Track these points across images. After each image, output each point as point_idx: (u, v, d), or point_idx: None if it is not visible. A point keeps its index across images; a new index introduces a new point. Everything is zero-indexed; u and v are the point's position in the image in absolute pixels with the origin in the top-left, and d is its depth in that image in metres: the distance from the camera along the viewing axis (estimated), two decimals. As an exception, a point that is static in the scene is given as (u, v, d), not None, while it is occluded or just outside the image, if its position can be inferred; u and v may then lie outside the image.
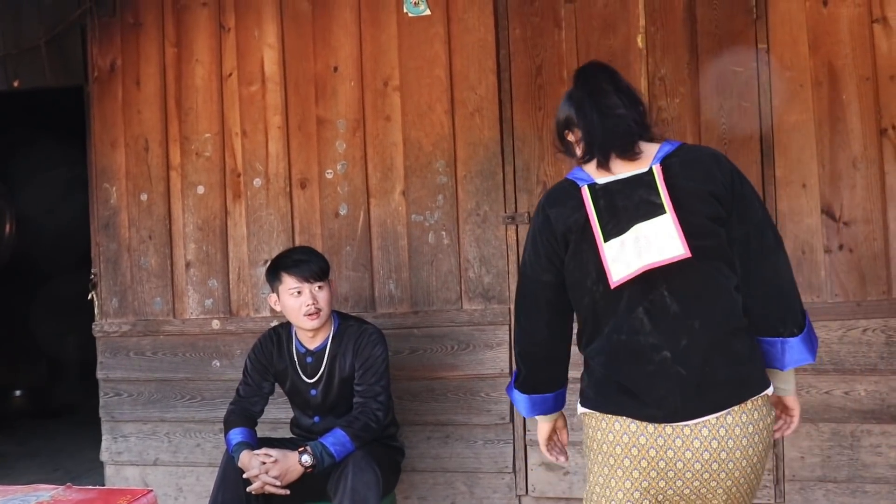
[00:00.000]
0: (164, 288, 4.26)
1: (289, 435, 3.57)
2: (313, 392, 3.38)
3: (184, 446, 4.27)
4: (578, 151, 2.26)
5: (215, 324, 4.19)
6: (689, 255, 1.99)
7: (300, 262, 3.30)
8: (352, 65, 4.01)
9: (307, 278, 3.26)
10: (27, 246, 7.39)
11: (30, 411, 7.16)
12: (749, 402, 2.01)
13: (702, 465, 1.97)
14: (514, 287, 3.82)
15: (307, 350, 3.39)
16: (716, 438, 1.97)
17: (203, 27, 4.20)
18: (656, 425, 1.98)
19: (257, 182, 4.13)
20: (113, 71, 4.31)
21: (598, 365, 2.08)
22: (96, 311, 4.37)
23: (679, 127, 3.68)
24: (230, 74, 4.17)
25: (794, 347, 2.14)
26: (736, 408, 1.99)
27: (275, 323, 3.83)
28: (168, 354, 4.27)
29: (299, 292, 3.27)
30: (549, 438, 2.37)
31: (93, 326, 4.38)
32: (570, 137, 2.29)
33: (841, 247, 3.53)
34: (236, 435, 3.30)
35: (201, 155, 4.20)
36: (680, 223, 1.99)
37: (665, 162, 2.10)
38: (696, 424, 1.97)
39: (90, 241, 4.41)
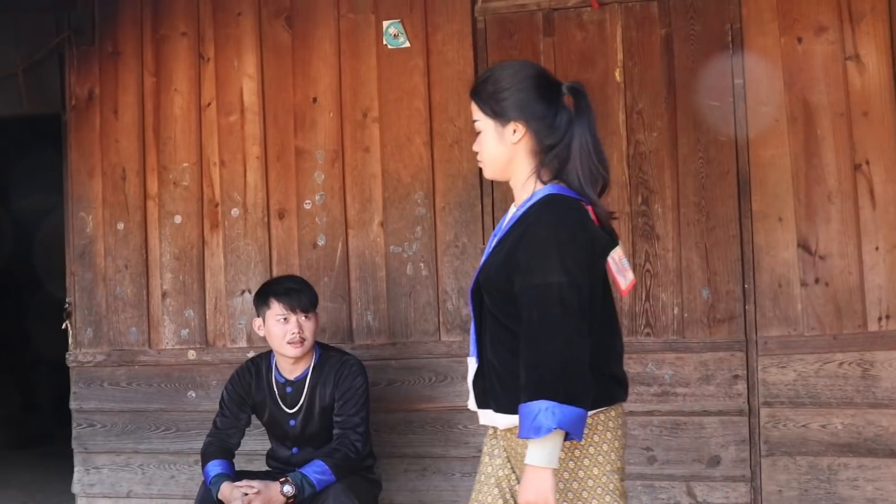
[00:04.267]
0: (139, 318, 4.22)
1: (264, 468, 3.53)
2: (292, 422, 3.36)
3: (158, 478, 4.21)
4: (516, 139, 2.24)
5: (191, 354, 4.15)
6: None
7: (291, 290, 3.32)
8: (331, 96, 4.02)
9: (295, 308, 3.28)
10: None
11: (1, 442, 7.04)
12: None
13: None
14: (492, 319, 3.81)
15: (287, 380, 3.37)
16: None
17: (182, 57, 4.20)
18: (622, 404, 2.27)
19: (235, 212, 4.11)
20: (91, 100, 4.29)
21: (597, 364, 2.15)
22: (70, 340, 4.32)
23: (657, 160, 3.71)
24: (209, 104, 4.16)
25: None
26: None
27: (251, 354, 3.81)
28: (143, 385, 4.22)
29: (286, 319, 3.28)
30: None
31: (67, 356, 4.32)
32: (518, 128, 2.23)
33: (817, 280, 3.55)
34: (215, 467, 3.28)
35: (179, 184, 4.18)
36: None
37: None
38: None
39: (65, 270, 4.37)
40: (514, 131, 2.23)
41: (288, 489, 3.10)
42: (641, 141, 3.73)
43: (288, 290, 3.32)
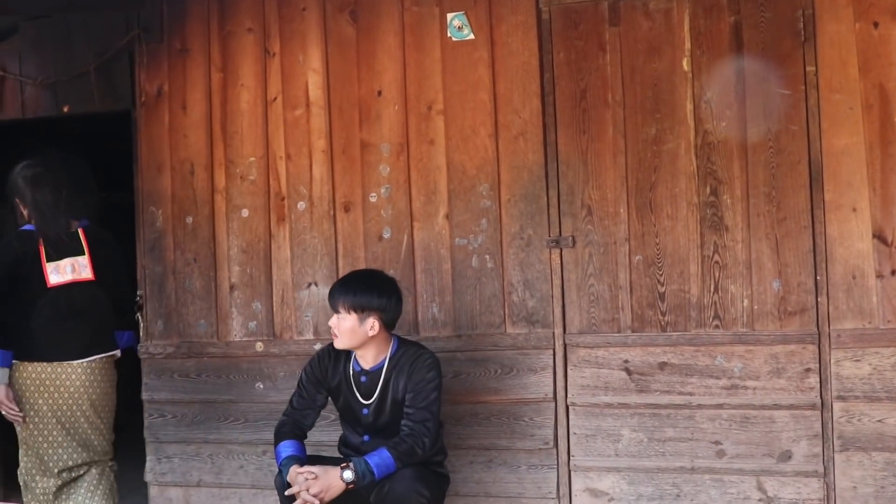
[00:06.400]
0: (208, 310, 4.29)
1: (336, 455, 3.57)
2: (365, 412, 3.42)
3: (227, 468, 4.28)
4: (26, 215, 3.87)
5: (259, 346, 4.21)
6: (94, 279, 3.84)
7: (334, 289, 3.43)
8: (396, 89, 4.03)
9: (330, 304, 3.43)
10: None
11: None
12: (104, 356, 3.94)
13: (72, 386, 3.80)
14: (558, 311, 3.80)
15: (363, 369, 3.43)
16: (85, 371, 3.83)
17: (248, 52, 4.25)
18: (59, 363, 3.77)
19: (301, 205, 4.16)
20: (160, 96, 4.37)
21: (35, 329, 3.74)
22: (142, 332, 4.41)
23: (725, 150, 3.65)
24: (275, 99, 4.21)
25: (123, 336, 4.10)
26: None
27: (318, 346, 3.85)
28: (212, 376, 4.29)
29: (333, 312, 3.42)
30: (8, 398, 3.75)
31: (138, 348, 4.42)
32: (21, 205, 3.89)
33: (893, 272, 3.46)
34: (287, 447, 3.36)
35: (246, 178, 4.24)
36: (91, 260, 3.85)
37: (85, 229, 3.89)
38: (77, 363, 3.81)
39: (136, 264, 4.46)
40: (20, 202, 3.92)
41: (348, 475, 3.15)
42: (710, 131, 3.67)
43: (334, 287, 3.45)
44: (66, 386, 3.79)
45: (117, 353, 4.00)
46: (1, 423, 3.96)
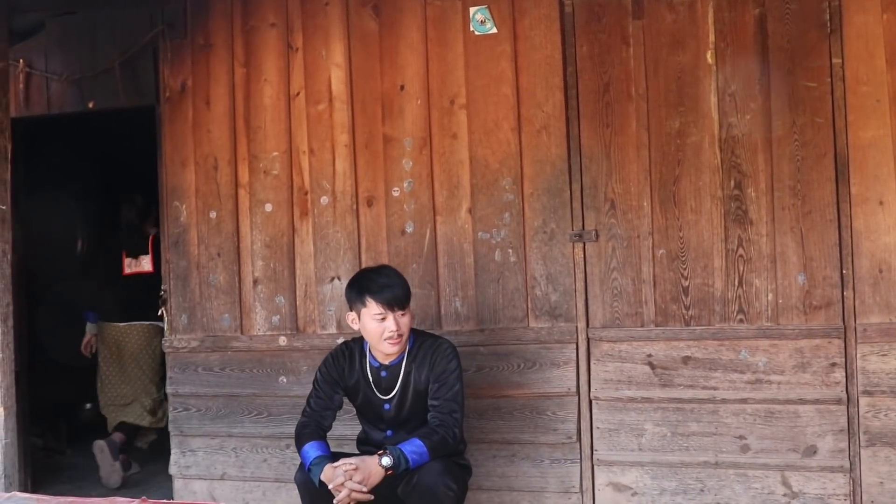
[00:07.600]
0: (232, 304, 4.32)
1: (356, 452, 3.57)
2: (387, 406, 3.41)
3: (250, 461, 4.30)
4: None
5: (282, 340, 4.23)
6: (152, 271, 5.15)
7: (386, 287, 3.28)
8: (418, 83, 4.03)
9: (393, 306, 3.26)
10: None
11: (99, 424, 7.25)
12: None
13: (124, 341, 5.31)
14: (581, 305, 3.80)
15: (381, 364, 3.41)
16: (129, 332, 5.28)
17: (271, 47, 4.27)
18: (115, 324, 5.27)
19: (324, 200, 4.17)
20: (183, 91, 4.39)
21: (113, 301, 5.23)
22: (166, 327, 4.45)
23: (750, 143, 3.63)
24: (298, 94, 4.22)
25: None
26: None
27: (341, 340, 3.86)
28: (236, 370, 4.31)
29: (383, 318, 3.27)
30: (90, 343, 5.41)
31: (162, 342, 4.45)
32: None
33: (921, 265, 3.43)
34: (314, 448, 3.32)
35: (269, 173, 4.26)
36: (152, 259, 5.01)
37: (155, 236, 4.92)
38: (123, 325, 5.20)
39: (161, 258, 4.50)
40: None
41: (386, 461, 3.14)
42: (734, 124, 3.65)
43: (383, 287, 3.28)
44: (121, 341, 5.33)
45: (159, 323, 4.73)
46: (27, 420, 3.98)
